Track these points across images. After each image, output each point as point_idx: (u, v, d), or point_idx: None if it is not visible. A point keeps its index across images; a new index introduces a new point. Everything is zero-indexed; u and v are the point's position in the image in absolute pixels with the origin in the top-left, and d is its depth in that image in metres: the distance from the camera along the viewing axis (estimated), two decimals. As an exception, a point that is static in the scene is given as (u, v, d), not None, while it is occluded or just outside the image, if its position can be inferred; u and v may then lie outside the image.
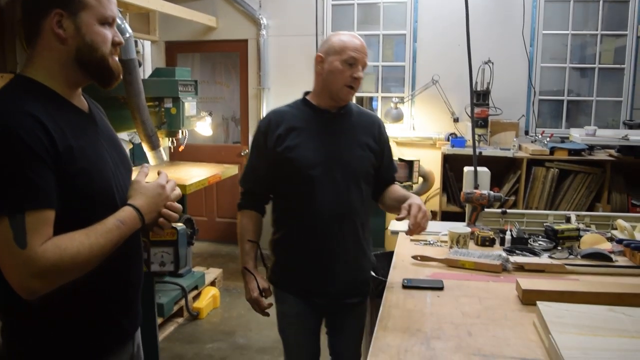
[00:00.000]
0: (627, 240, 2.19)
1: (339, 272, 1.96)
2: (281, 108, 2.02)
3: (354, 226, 1.96)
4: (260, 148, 1.97)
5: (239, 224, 2.05)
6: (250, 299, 1.98)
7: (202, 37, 5.66)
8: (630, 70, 4.91)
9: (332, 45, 1.89)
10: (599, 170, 4.34)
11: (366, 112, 2.12)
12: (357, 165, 1.94)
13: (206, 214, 5.96)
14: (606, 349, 1.27)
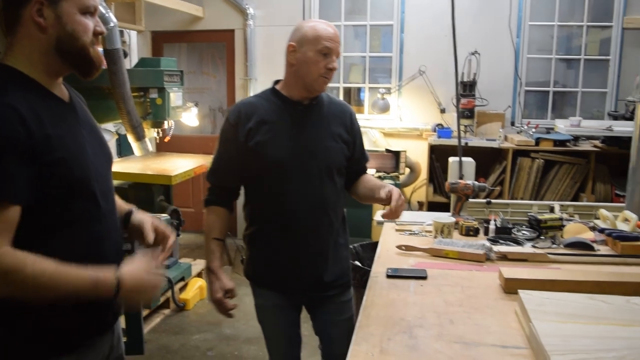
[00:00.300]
0: (609, 230, 2.21)
1: (315, 265, 1.92)
2: (250, 99, 1.95)
3: (328, 218, 1.92)
4: (229, 141, 1.89)
5: (205, 221, 1.97)
6: (214, 300, 1.92)
7: (189, 27, 5.62)
8: (616, 62, 4.94)
9: (305, 35, 1.81)
10: (584, 161, 4.38)
11: (337, 101, 2.06)
12: (330, 157, 1.90)
13: (193, 205, 5.94)
14: (585, 336, 1.29)
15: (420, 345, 1.36)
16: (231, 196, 2.00)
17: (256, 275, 2.01)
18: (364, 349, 1.34)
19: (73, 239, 1.28)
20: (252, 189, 1.96)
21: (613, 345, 1.25)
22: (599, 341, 1.27)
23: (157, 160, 4.10)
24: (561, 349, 1.22)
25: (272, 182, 1.87)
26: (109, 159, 1.47)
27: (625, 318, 1.41)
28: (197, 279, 4.28)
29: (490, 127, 4.77)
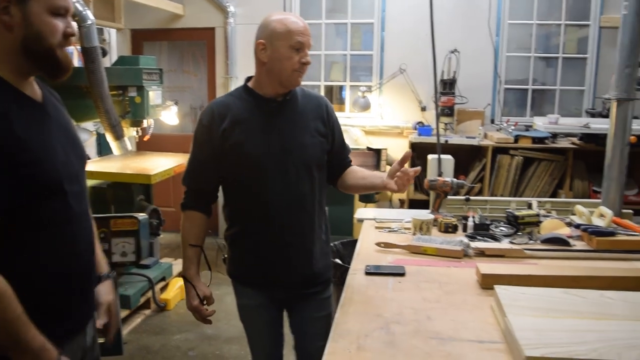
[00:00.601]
0: (584, 225, 2.24)
1: (296, 263, 1.90)
2: (223, 99, 1.90)
3: (308, 215, 1.89)
4: (204, 143, 1.85)
5: (181, 226, 1.93)
6: (190, 307, 1.90)
7: (169, 25, 5.58)
8: (593, 60, 5.01)
9: (275, 30, 1.75)
10: (562, 158, 4.44)
11: (312, 94, 2.00)
12: (307, 153, 1.86)
13: (174, 204, 5.89)
14: (559, 330, 1.31)
15: (397, 341, 1.37)
16: (208, 199, 1.96)
17: (239, 274, 1.99)
18: (341, 346, 1.35)
19: (45, 241, 1.26)
20: (230, 189, 1.92)
21: (586, 338, 1.26)
22: (572, 334, 1.28)
23: (137, 159, 4.06)
24: (535, 343, 1.23)
25: (249, 182, 1.84)
26: (82, 159, 1.45)
27: (598, 312, 1.43)
28: (178, 279, 4.25)
29: (470, 125, 4.81)
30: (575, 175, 4.48)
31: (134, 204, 3.71)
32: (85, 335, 1.45)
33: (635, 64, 2.59)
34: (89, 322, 1.47)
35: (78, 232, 1.28)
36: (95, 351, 1.53)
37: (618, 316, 1.41)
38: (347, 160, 2.06)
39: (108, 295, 1.55)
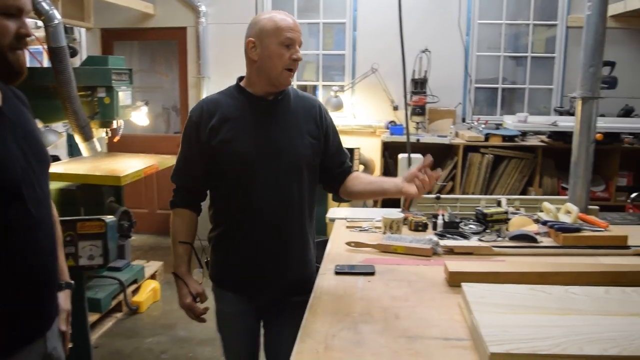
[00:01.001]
0: (551, 222, 2.28)
1: (282, 269, 1.87)
2: (214, 96, 1.88)
3: (297, 219, 1.87)
4: (192, 140, 1.83)
5: (171, 224, 1.93)
6: (183, 305, 1.89)
7: (140, 25, 5.52)
8: (561, 59, 5.10)
9: (264, 28, 1.74)
10: (531, 156, 4.51)
11: (306, 95, 1.98)
12: (297, 154, 1.83)
13: (146, 206, 5.85)
14: (524, 326, 1.32)
15: (365, 341, 1.37)
16: (197, 197, 1.94)
17: (221, 278, 1.95)
18: (308, 346, 1.35)
19: (5, 248, 1.23)
20: (217, 189, 1.89)
21: (550, 333, 1.28)
22: (537, 330, 1.30)
23: (107, 161, 4.00)
24: (499, 339, 1.24)
25: (236, 181, 1.81)
26: (44, 163, 1.41)
27: (563, 307, 1.45)
28: (150, 281, 4.22)
29: (441, 124, 4.85)
30: (545, 173, 4.56)
31: (104, 206, 3.66)
32: (45, 342, 1.42)
33: (599, 63, 2.64)
34: (50, 329, 1.44)
35: (38, 239, 1.24)
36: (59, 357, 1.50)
37: (582, 311, 1.43)
38: (347, 165, 2.01)
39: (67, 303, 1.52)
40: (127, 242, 3.99)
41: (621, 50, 4.91)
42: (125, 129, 4.77)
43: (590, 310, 1.44)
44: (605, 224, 2.27)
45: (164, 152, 5.21)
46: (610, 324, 1.34)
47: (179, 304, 1.91)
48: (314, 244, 2.00)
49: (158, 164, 3.87)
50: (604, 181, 4.65)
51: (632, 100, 4.93)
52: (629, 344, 1.23)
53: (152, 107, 5.57)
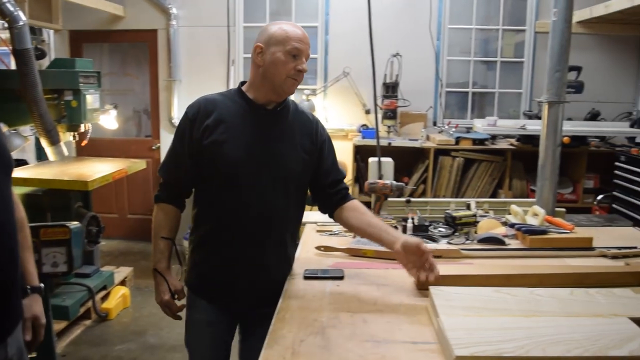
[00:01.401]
0: (518, 225, 2.31)
1: (259, 281, 1.84)
2: (214, 95, 1.85)
3: (278, 232, 1.84)
4: (184, 136, 1.80)
5: (154, 218, 1.88)
6: (161, 302, 1.85)
7: (109, 27, 5.44)
8: (529, 64, 5.19)
9: (274, 35, 1.74)
10: (501, 159, 4.57)
11: (305, 111, 1.96)
12: (288, 168, 1.81)
13: (117, 211, 5.76)
14: (489, 328, 1.34)
15: (333, 346, 1.36)
16: (182, 194, 1.91)
17: (196, 283, 1.91)
18: (276, 352, 1.34)
19: None
20: (202, 190, 1.87)
21: (514, 335, 1.30)
22: (501, 332, 1.31)
23: (75, 165, 3.93)
24: (465, 342, 1.26)
25: (222, 186, 1.78)
26: (6, 167, 1.38)
27: (528, 309, 1.48)
28: (120, 287, 4.15)
29: (413, 127, 4.89)
30: (514, 175, 4.62)
31: (72, 212, 3.58)
32: (6, 347, 1.38)
33: (565, 68, 2.69)
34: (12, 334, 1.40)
35: None
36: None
37: (546, 312, 1.46)
38: (342, 187, 1.96)
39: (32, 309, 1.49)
40: (95, 247, 3.91)
41: (588, 55, 5.02)
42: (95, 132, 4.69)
43: (554, 312, 1.46)
44: (571, 226, 2.30)
45: (135, 156, 5.16)
46: (573, 325, 1.36)
47: (157, 301, 1.88)
48: (292, 259, 1.97)
49: (127, 168, 3.81)
50: (571, 183, 4.74)
51: (598, 104, 5.04)
52: (591, 344, 1.25)
53: (122, 110, 5.50)
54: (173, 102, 5.38)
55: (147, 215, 5.62)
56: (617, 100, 5.15)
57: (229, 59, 5.28)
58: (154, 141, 5.62)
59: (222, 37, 5.23)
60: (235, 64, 5.31)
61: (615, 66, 5.15)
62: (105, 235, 4.13)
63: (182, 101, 5.39)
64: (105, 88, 5.49)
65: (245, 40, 5.34)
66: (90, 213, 3.61)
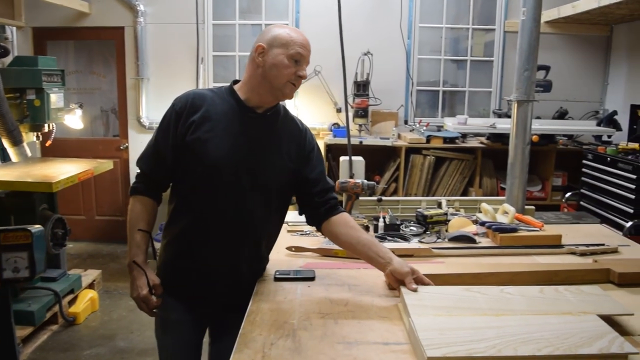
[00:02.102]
0: (489, 223, 2.32)
1: (229, 284, 1.81)
2: (204, 91, 1.80)
3: (253, 239, 1.80)
4: (169, 128, 1.74)
5: (130, 210, 1.81)
6: (138, 297, 1.77)
7: (74, 24, 5.31)
8: (499, 63, 5.24)
9: (278, 37, 1.70)
10: (471, 157, 4.61)
11: (295, 118, 1.91)
12: (270, 174, 1.76)
13: (84, 213, 5.63)
14: (460, 328, 1.33)
15: (304, 348, 1.34)
16: (160, 187, 1.85)
17: (167, 281, 1.84)
18: (245, 356, 1.30)
19: None
20: (180, 186, 1.81)
21: (485, 335, 1.29)
22: (472, 332, 1.31)
23: (39, 166, 3.82)
24: (437, 342, 1.25)
25: (200, 185, 1.73)
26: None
27: (498, 307, 1.47)
28: (88, 291, 4.06)
29: (384, 126, 4.90)
30: (484, 174, 4.66)
31: (36, 214, 3.49)
32: None
33: (534, 67, 2.71)
34: None
35: None
36: None
37: (516, 311, 1.45)
38: (330, 197, 1.87)
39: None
40: (62, 250, 3.81)
41: (556, 55, 5.10)
42: (60, 132, 4.60)
43: (524, 310, 1.46)
44: (540, 223, 2.32)
45: (103, 156, 5.06)
46: (542, 323, 1.36)
47: (133, 296, 1.79)
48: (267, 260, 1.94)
49: (94, 169, 3.72)
50: (540, 181, 4.81)
51: (566, 103, 5.13)
52: (561, 343, 1.25)
53: (89, 110, 5.40)
54: (141, 101, 5.29)
55: (116, 216, 5.58)
56: (585, 99, 5.24)
57: (198, 57, 5.21)
58: (122, 141, 5.51)
59: (191, 35, 5.16)
60: (205, 62, 5.25)
61: (582, 66, 5.24)
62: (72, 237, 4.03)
63: (151, 100, 5.30)
64: (70, 87, 5.37)
65: (214, 38, 5.28)
66: (55, 215, 3.52)
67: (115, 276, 4.62)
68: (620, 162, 3.77)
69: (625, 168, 3.71)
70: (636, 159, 3.64)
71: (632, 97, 4.76)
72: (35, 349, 3.46)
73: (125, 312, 3.96)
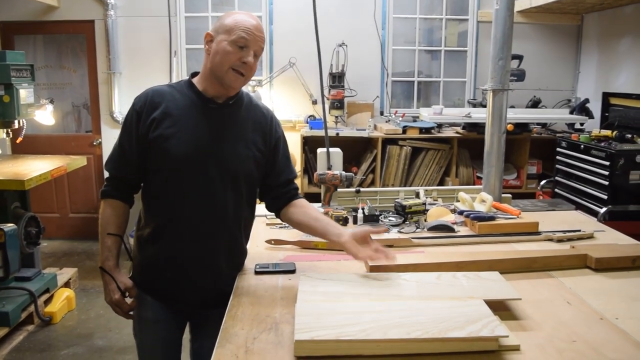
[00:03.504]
0: (467, 211, 2.34)
1: (206, 280, 1.78)
2: (162, 87, 1.76)
3: (228, 230, 1.77)
4: (131, 129, 1.72)
5: (100, 214, 1.79)
6: (111, 301, 1.77)
7: (43, 17, 5.19)
8: (472, 53, 5.28)
9: (223, 24, 1.67)
10: (447, 147, 4.64)
11: (260, 105, 1.86)
12: (237, 164, 1.73)
13: (58, 210, 5.53)
14: (340, 313, 1.34)
15: (286, 342, 1.33)
16: (130, 188, 1.82)
17: (142, 280, 1.83)
18: (228, 351, 1.29)
19: None
20: (149, 185, 1.78)
21: (361, 319, 1.30)
22: (350, 317, 1.32)
23: (10, 164, 3.74)
24: (309, 327, 1.26)
25: (168, 183, 1.71)
26: None
27: (387, 293, 1.49)
28: (64, 290, 3.99)
29: (360, 117, 4.90)
30: (461, 163, 4.70)
31: (8, 213, 3.41)
32: None
33: (508, 56, 2.73)
34: None
35: None
36: None
37: (403, 297, 1.47)
38: (292, 187, 1.90)
39: None
40: (36, 249, 3.74)
41: (528, 44, 5.16)
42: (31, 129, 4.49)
43: (413, 296, 1.47)
44: (517, 211, 2.35)
45: (76, 152, 4.97)
46: (424, 308, 1.37)
47: (106, 300, 1.79)
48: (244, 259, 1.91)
49: (67, 166, 3.65)
50: (515, 170, 4.87)
51: (539, 92, 5.19)
52: (434, 326, 1.26)
53: (60, 105, 5.29)
54: (113, 95, 5.20)
55: (90, 213, 5.49)
56: (557, 87, 5.31)
57: (171, 51, 5.14)
58: (95, 136, 5.42)
59: (163, 28, 5.08)
60: (178, 55, 5.18)
61: (554, 55, 5.31)
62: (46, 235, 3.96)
63: (123, 94, 5.22)
64: (40, 82, 5.26)
65: (187, 31, 5.21)
66: (28, 213, 3.45)
67: (92, 274, 4.55)
68: (594, 149, 3.83)
69: (598, 155, 3.77)
70: (609, 146, 3.70)
71: (604, 85, 4.84)
72: (11, 350, 3.40)
73: (102, 310, 3.91)
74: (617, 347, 1.29)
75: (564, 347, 1.29)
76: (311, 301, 1.40)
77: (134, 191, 1.84)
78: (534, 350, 1.27)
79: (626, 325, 1.40)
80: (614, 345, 1.30)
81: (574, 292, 1.64)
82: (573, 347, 1.29)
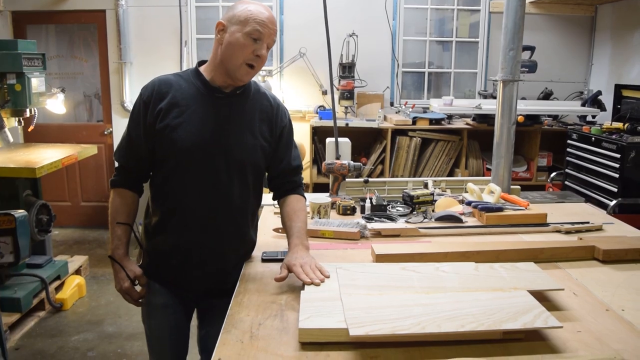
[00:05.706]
0: (475, 202, 2.33)
1: (213, 267, 1.80)
2: (169, 76, 1.75)
3: (234, 219, 1.78)
4: (138, 119, 1.72)
5: (110, 203, 1.80)
6: (121, 289, 1.79)
7: (54, 7, 5.21)
8: (484, 44, 5.24)
9: (236, 14, 1.64)
10: (457, 138, 4.62)
11: (267, 93, 1.85)
12: (244, 154, 1.73)
13: (70, 199, 5.58)
14: (388, 306, 1.32)
15: (291, 328, 1.34)
16: (139, 178, 1.83)
17: (149, 267, 1.85)
18: (233, 336, 1.31)
19: None
20: (157, 174, 1.79)
21: (412, 312, 1.29)
22: (400, 310, 1.30)
23: (22, 152, 3.77)
24: (361, 321, 1.23)
25: (176, 171, 1.72)
26: None
27: (431, 285, 1.46)
28: (74, 277, 4.03)
29: (370, 108, 4.88)
30: (470, 154, 4.68)
31: (20, 200, 3.45)
32: None
33: (519, 47, 2.71)
34: None
35: None
36: None
37: (447, 288, 1.45)
38: (289, 180, 1.89)
39: None
40: (47, 237, 3.78)
41: (540, 35, 5.11)
42: (43, 118, 4.54)
43: (456, 288, 1.45)
44: (525, 202, 2.34)
45: (87, 141, 5.00)
46: (472, 300, 1.36)
47: (116, 288, 1.81)
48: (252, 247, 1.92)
49: (78, 154, 3.68)
50: (525, 162, 4.84)
51: (551, 83, 5.15)
52: (487, 318, 1.25)
53: (72, 94, 5.32)
54: (124, 85, 5.22)
55: (101, 202, 5.54)
56: (569, 79, 5.27)
57: (182, 40, 5.14)
58: (106, 126, 5.45)
59: (174, 17, 5.09)
60: (188, 45, 5.18)
61: (567, 46, 5.26)
62: (57, 223, 3.99)
63: (134, 84, 5.24)
64: (52, 71, 5.28)
65: (198, 21, 5.22)
66: (40, 201, 3.49)
67: (102, 262, 4.59)
68: (605, 142, 3.80)
69: (609, 147, 3.74)
70: (620, 138, 3.67)
71: (616, 77, 4.79)
72: (23, 335, 3.45)
73: (112, 297, 3.94)
74: (621, 337, 1.29)
75: (568, 337, 1.28)
76: (355, 295, 1.39)
77: (143, 180, 1.85)
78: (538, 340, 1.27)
79: (632, 316, 1.40)
80: (618, 336, 1.30)
81: (581, 283, 1.64)
82: (577, 337, 1.29)
